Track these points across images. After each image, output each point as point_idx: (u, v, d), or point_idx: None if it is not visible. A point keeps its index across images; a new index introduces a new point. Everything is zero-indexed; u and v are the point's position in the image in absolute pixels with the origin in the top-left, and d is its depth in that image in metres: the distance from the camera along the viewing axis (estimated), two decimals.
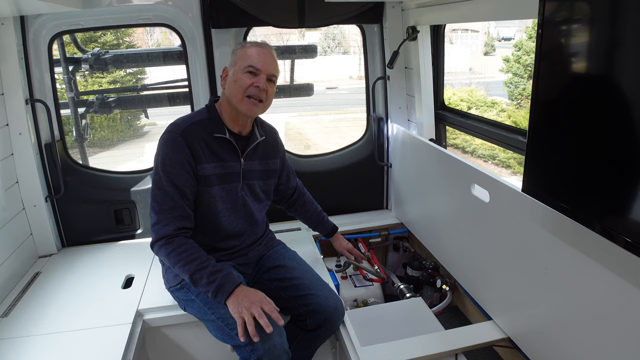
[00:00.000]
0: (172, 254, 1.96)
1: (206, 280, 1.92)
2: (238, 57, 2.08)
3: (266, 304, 1.88)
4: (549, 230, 1.79)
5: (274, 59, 2.13)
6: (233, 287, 1.91)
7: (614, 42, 1.31)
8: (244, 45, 2.13)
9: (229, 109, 2.13)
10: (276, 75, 2.13)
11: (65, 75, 3.40)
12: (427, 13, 2.86)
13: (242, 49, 2.10)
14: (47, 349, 2.05)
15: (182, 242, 1.98)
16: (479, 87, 16.60)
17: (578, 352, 1.72)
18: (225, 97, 2.13)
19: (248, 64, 2.05)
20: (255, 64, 2.05)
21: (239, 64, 2.06)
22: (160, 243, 1.99)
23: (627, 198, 1.30)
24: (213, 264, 1.96)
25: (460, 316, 2.95)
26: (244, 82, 2.04)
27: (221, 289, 1.91)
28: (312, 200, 2.70)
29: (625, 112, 1.26)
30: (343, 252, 2.72)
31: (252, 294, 1.91)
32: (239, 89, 2.05)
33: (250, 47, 2.09)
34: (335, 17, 2.96)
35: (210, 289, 1.91)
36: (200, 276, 1.92)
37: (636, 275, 1.40)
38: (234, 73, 2.07)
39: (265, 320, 1.82)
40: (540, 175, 1.64)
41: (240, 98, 2.05)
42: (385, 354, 2.12)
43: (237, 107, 2.08)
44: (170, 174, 2.01)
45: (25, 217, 2.81)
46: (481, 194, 2.28)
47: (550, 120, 1.55)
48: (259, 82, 2.04)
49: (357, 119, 12.91)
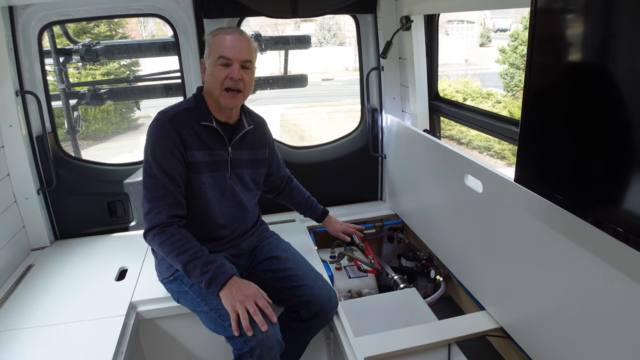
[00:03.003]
0: (165, 244, 1.95)
1: (199, 270, 1.91)
2: (210, 49, 2.04)
3: (260, 299, 1.88)
4: (541, 220, 1.79)
5: (247, 43, 2.05)
6: (226, 278, 1.91)
7: (606, 31, 1.30)
8: (214, 33, 2.06)
9: (212, 101, 2.12)
10: (251, 60, 2.07)
11: (56, 67, 3.36)
12: (421, 2, 2.84)
13: (213, 39, 2.05)
14: (41, 341, 2.04)
15: (175, 231, 1.97)
16: (475, 78, 16.59)
17: (570, 341, 1.73)
18: (206, 90, 2.12)
19: (219, 55, 2.01)
20: (226, 53, 2.00)
21: (212, 55, 2.03)
22: (154, 232, 1.97)
23: (619, 188, 1.30)
24: (206, 255, 1.96)
25: (454, 306, 2.97)
26: (218, 76, 2.01)
27: (214, 280, 1.90)
28: (300, 186, 2.71)
29: (617, 102, 1.26)
30: (338, 235, 2.71)
31: (246, 287, 1.91)
32: (215, 83, 2.03)
33: (219, 35, 2.04)
34: (328, 7, 2.94)
35: (204, 279, 1.91)
36: (193, 266, 1.92)
37: (628, 265, 1.40)
38: (209, 66, 2.05)
39: (260, 318, 1.82)
40: (532, 165, 1.64)
41: (219, 93, 2.04)
42: (379, 344, 2.13)
43: (219, 101, 2.07)
44: (160, 162, 2.00)
45: (17, 209, 2.79)
46: (474, 184, 2.28)
47: (542, 110, 1.55)
48: (233, 72, 2.00)
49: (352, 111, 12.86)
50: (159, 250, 2.01)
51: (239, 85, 2.03)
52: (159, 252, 2.03)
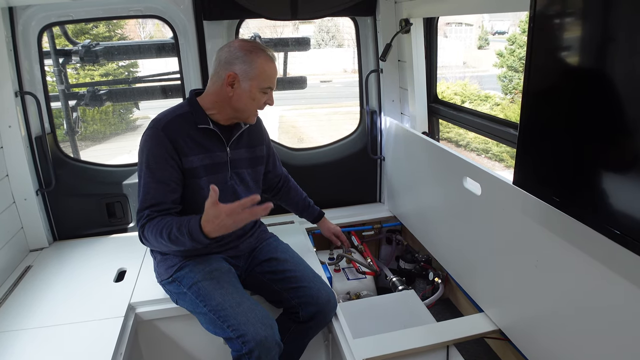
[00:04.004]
0: (151, 232, 1.92)
1: (177, 232, 1.85)
2: (256, 72, 2.01)
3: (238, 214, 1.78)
4: (539, 223, 1.80)
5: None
6: (197, 220, 1.82)
7: (605, 35, 1.31)
8: (257, 54, 2.02)
9: (228, 110, 2.11)
10: None
11: (55, 68, 3.36)
12: (420, 5, 2.85)
13: (259, 63, 2.01)
14: (39, 342, 2.04)
15: (159, 219, 1.95)
16: (473, 80, 16.60)
17: (568, 343, 1.74)
18: (230, 104, 2.08)
19: (268, 86, 2.06)
20: (273, 84, 2.09)
21: (257, 81, 2.02)
22: (141, 230, 1.98)
23: (617, 191, 1.31)
24: (182, 219, 1.90)
25: (452, 308, 2.97)
26: (260, 101, 2.09)
27: (192, 230, 1.83)
28: (297, 186, 2.72)
29: (616, 106, 1.27)
30: (330, 237, 2.75)
31: (219, 221, 1.78)
32: (254, 105, 2.09)
33: (267, 64, 2.04)
34: (328, 9, 2.94)
35: (185, 238, 1.84)
36: (175, 236, 1.86)
37: (626, 267, 1.41)
38: (250, 89, 2.03)
39: (250, 214, 1.78)
40: (531, 167, 1.65)
41: (253, 114, 2.13)
42: (378, 345, 2.14)
43: (246, 120, 2.15)
44: (154, 170, 2.00)
45: (16, 210, 2.78)
46: (473, 187, 2.29)
47: (541, 113, 1.56)
48: (271, 100, 2.12)
49: (351, 113, 12.87)
50: (149, 242, 1.99)
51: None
52: (151, 243, 2.00)
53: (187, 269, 2.13)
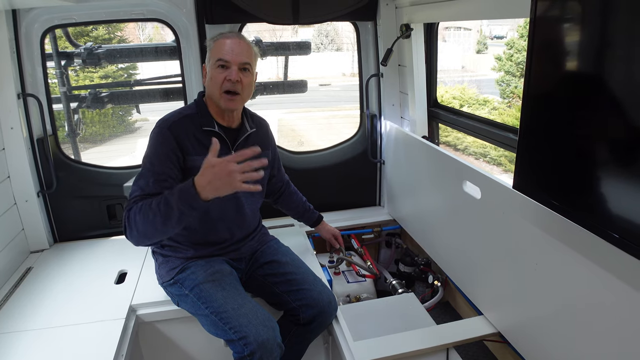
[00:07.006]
0: (139, 209, 1.83)
1: (168, 194, 1.78)
2: (211, 53, 2.07)
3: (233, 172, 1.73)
4: (539, 226, 1.81)
5: (245, 46, 2.08)
6: (190, 182, 1.75)
7: (605, 40, 1.33)
8: (215, 39, 2.10)
9: (213, 105, 2.14)
10: (249, 62, 2.08)
11: (57, 70, 3.37)
12: (421, 11, 2.87)
13: (214, 43, 2.08)
14: (40, 344, 2.04)
15: (143, 202, 1.86)
16: (471, 84, 16.65)
17: (567, 346, 1.75)
18: (208, 94, 2.13)
19: (217, 58, 2.03)
20: (224, 55, 2.02)
21: (212, 59, 2.06)
22: (127, 214, 1.88)
23: (615, 195, 1.32)
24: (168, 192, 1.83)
25: (452, 311, 2.99)
26: (217, 78, 2.03)
27: (182, 187, 1.76)
28: (297, 190, 2.74)
29: (615, 110, 1.29)
30: (330, 239, 2.78)
31: (213, 172, 1.73)
32: (215, 85, 2.04)
33: (219, 40, 2.07)
34: (329, 13, 2.96)
35: (175, 197, 1.76)
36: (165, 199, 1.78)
37: (625, 271, 1.42)
38: (209, 70, 2.07)
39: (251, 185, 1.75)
40: (530, 172, 1.67)
41: (218, 95, 2.05)
42: (378, 348, 2.14)
43: (218, 104, 2.09)
44: (154, 164, 1.98)
45: (17, 212, 2.79)
46: (473, 190, 2.30)
47: (541, 117, 1.57)
48: (231, 74, 2.02)
49: (349, 116, 12.90)
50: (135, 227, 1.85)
51: (237, 87, 2.04)
52: (138, 228, 1.85)
53: (189, 271, 2.13)
